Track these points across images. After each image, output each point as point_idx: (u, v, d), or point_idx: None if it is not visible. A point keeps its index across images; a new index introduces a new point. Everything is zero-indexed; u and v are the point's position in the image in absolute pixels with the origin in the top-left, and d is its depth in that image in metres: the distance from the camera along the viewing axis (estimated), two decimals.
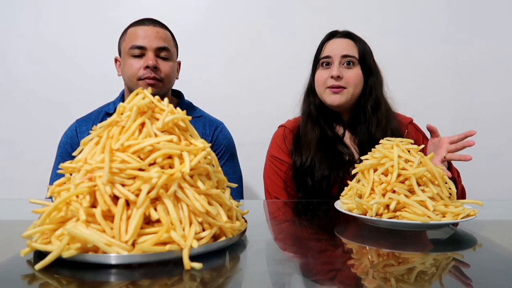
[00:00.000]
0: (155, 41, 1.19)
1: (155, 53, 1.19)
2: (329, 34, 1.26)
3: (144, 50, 1.18)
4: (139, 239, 0.49)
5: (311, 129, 1.23)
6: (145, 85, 1.16)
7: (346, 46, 1.21)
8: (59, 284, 0.44)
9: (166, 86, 1.23)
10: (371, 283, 0.47)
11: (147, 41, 1.18)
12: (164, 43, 1.21)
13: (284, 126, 1.32)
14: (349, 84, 1.19)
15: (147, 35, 1.19)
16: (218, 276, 0.48)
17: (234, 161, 1.38)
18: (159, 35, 1.21)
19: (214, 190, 0.55)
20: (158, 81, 1.19)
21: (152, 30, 1.21)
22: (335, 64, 1.19)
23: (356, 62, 1.20)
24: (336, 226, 0.78)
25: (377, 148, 0.78)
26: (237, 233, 0.57)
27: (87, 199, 0.50)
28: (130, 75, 1.19)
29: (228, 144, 1.35)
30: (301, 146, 1.22)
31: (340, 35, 1.25)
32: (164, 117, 0.56)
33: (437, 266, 0.54)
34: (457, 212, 0.68)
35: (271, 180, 1.26)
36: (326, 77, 1.20)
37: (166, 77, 1.21)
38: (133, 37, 1.20)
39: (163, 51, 1.21)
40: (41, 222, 0.51)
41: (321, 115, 1.25)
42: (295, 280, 0.48)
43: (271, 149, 1.30)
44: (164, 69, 1.20)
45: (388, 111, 1.24)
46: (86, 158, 0.53)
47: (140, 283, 0.44)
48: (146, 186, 0.49)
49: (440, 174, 0.72)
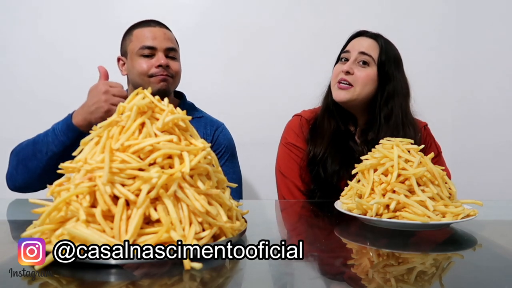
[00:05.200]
0: (164, 42, 1.25)
1: (165, 53, 1.25)
2: (357, 32, 1.26)
3: (154, 50, 1.24)
4: (139, 239, 0.49)
5: (327, 122, 1.24)
6: (158, 81, 1.22)
7: (367, 45, 1.20)
8: (59, 284, 0.45)
9: (175, 82, 1.30)
10: (371, 283, 0.47)
11: (157, 42, 1.24)
12: (172, 44, 1.28)
13: (300, 115, 1.32)
14: (356, 83, 1.17)
15: (156, 36, 1.25)
16: (218, 276, 0.48)
17: (234, 161, 1.40)
18: (167, 36, 1.28)
19: (214, 190, 0.55)
20: (169, 77, 1.25)
21: (160, 32, 1.26)
22: (350, 60, 1.19)
23: (372, 63, 1.18)
24: (336, 226, 0.78)
25: (377, 148, 0.78)
26: (237, 233, 0.58)
27: (87, 199, 0.50)
28: (141, 73, 1.24)
29: (228, 145, 1.37)
30: (317, 136, 1.23)
31: (368, 35, 1.24)
32: (164, 117, 0.56)
33: (437, 266, 0.54)
34: (457, 212, 0.68)
35: (286, 166, 1.25)
36: (339, 71, 1.20)
37: (176, 74, 1.28)
38: (141, 38, 1.25)
39: (171, 51, 1.26)
40: (41, 222, 0.51)
41: (337, 110, 1.25)
42: (295, 280, 0.48)
43: (287, 136, 1.29)
44: (174, 67, 1.26)
45: (405, 123, 1.20)
46: (86, 158, 0.53)
47: (140, 283, 0.44)
48: (146, 186, 0.49)
49: (440, 174, 0.73)
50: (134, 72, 1.25)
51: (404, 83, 1.23)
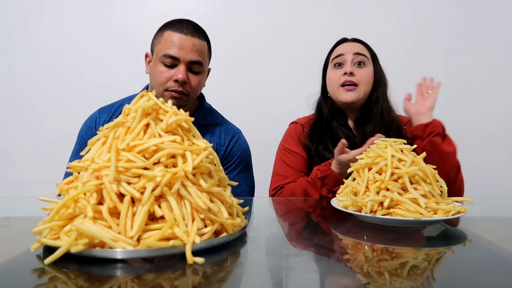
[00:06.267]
0: (190, 54, 1.13)
1: (187, 66, 1.14)
2: (339, 41, 1.32)
3: (177, 61, 1.13)
4: (144, 235, 0.50)
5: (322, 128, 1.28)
6: (170, 97, 1.14)
7: (358, 47, 1.27)
8: (67, 278, 0.46)
9: (190, 99, 1.20)
10: (366, 277, 0.48)
11: (182, 53, 1.12)
12: (199, 57, 1.15)
13: (296, 122, 1.36)
14: (361, 82, 1.23)
15: (183, 47, 1.13)
16: (219, 270, 0.49)
17: (248, 172, 1.34)
18: (196, 47, 1.15)
19: (215, 188, 0.57)
20: (184, 95, 1.16)
21: (189, 42, 1.14)
22: (347, 62, 1.24)
23: (367, 61, 1.26)
24: (332, 223, 0.80)
25: (371, 147, 0.80)
26: (238, 229, 0.59)
27: (94, 197, 0.51)
28: (158, 83, 1.15)
29: (242, 156, 1.31)
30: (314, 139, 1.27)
31: (350, 40, 1.31)
32: (167, 118, 0.58)
33: (428, 261, 0.55)
34: (448, 209, 0.70)
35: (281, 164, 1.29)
36: (339, 76, 1.24)
37: (193, 90, 1.18)
38: (168, 43, 1.14)
39: (195, 65, 1.16)
40: (50, 219, 0.52)
41: (332, 116, 1.29)
42: (294, 274, 0.49)
43: (284, 142, 1.34)
44: (193, 83, 1.17)
45: (391, 112, 1.29)
46: (93, 157, 0.54)
47: (144, 277, 0.46)
48: (150, 184, 0.51)
49: (431, 173, 0.74)
50: (153, 76, 1.18)
51: (384, 75, 1.31)
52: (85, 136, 1.26)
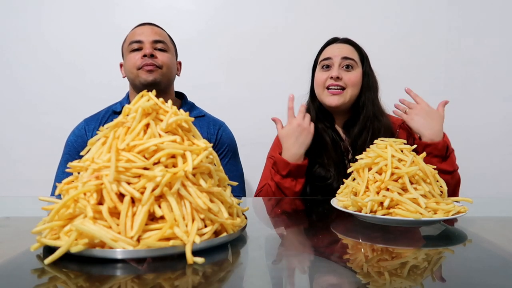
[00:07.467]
0: (151, 35, 1.28)
1: (152, 45, 1.27)
2: (329, 40, 1.30)
3: (142, 44, 1.26)
4: (144, 235, 0.50)
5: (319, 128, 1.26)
6: (145, 73, 1.24)
7: (346, 50, 1.24)
8: (67, 278, 0.46)
9: (165, 74, 1.29)
10: (366, 277, 0.48)
11: (144, 36, 1.27)
12: (160, 37, 1.29)
13: None
14: (348, 85, 1.21)
15: (144, 32, 1.29)
16: (219, 270, 0.49)
17: (236, 159, 1.42)
18: (155, 31, 1.30)
19: (215, 188, 0.57)
20: (156, 67, 1.25)
21: (147, 28, 1.31)
22: (335, 66, 1.22)
23: (355, 65, 1.23)
24: (332, 223, 0.80)
25: (371, 148, 0.80)
26: (238, 229, 0.59)
27: (94, 197, 0.51)
28: (131, 67, 1.26)
29: (230, 143, 1.40)
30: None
31: (341, 41, 1.28)
32: (167, 118, 0.58)
33: (428, 261, 0.55)
34: (448, 209, 0.70)
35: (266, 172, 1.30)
36: (325, 78, 1.22)
37: (164, 64, 1.27)
38: (131, 36, 1.30)
39: (159, 43, 1.28)
40: (50, 219, 0.52)
41: (321, 117, 1.28)
42: (294, 274, 0.50)
43: (272, 151, 1.34)
44: (161, 58, 1.27)
45: (382, 113, 1.26)
46: (93, 157, 0.54)
47: (144, 277, 0.46)
48: (150, 184, 0.51)
49: (431, 173, 0.75)
50: (127, 68, 1.28)
51: (374, 78, 1.29)
52: (76, 145, 1.30)
